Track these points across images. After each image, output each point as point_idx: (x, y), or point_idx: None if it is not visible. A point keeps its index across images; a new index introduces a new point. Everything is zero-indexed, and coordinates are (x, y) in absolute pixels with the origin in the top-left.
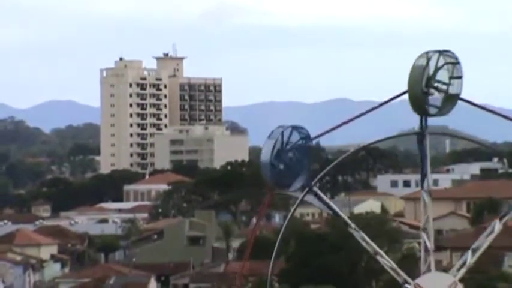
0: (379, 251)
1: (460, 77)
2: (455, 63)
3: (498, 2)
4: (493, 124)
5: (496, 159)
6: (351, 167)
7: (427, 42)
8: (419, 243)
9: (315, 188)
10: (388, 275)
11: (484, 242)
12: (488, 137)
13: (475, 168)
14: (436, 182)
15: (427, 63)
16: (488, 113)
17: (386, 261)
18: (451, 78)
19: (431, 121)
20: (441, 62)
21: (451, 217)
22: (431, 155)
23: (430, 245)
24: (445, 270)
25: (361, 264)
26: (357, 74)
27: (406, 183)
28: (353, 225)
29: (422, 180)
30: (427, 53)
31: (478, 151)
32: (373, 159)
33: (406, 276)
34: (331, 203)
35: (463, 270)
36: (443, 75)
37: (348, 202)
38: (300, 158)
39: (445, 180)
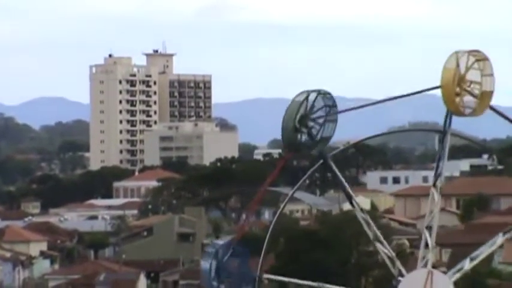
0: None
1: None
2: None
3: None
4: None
5: (485, 156)
6: (341, 163)
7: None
8: (408, 240)
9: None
10: (377, 272)
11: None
12: (478, 134)
13: (464, 164)
14: (425, 179)
15: (306, 99)
16: None
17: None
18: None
19: (420, 117)
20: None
21: (440, 213)
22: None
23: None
24: (434, 266)
25: (351, 261)
26: (349, 71)
27: (396, 180)
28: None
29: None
30: None
31: (468, 148)
32: (362, 156)
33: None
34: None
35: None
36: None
37: (338, 198)
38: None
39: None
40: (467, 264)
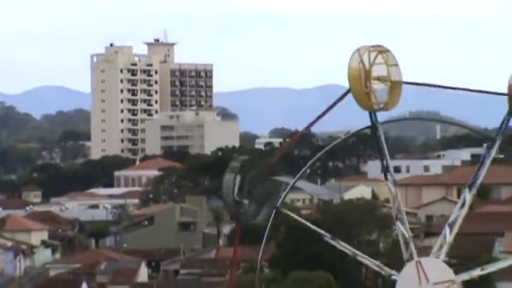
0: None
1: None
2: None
3: None
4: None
5: (486, 145)
6: (342, 152)
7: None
8: (412, 230)
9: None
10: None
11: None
12: (480, 123)
13: (465, 154)
14: (427, 168)
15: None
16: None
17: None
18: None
19: (424, 107)
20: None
21: (441, 203)
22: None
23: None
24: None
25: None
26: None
27: (397, 169)
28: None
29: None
30: None
31: (469, 137)
32: (363, 145)
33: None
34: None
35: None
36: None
37: (339, 188)
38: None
39: (435, 166)
40: (448, 234)
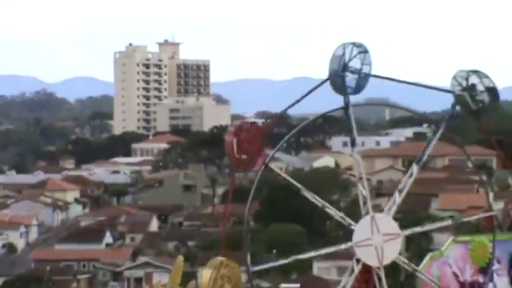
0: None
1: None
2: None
3: None
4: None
5: (425, 125)
6: (312, 130)
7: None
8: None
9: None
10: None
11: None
12: (420, 108)
13: (408, 132)
14: (378, 143)
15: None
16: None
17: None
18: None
19: (376, 94)
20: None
21: (389, 170)
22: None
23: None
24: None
25: (318, 208)
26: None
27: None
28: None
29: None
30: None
31: (412, 119)
32: (328, 125)
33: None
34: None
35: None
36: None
37: (309, 158)
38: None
39: (384, 142)
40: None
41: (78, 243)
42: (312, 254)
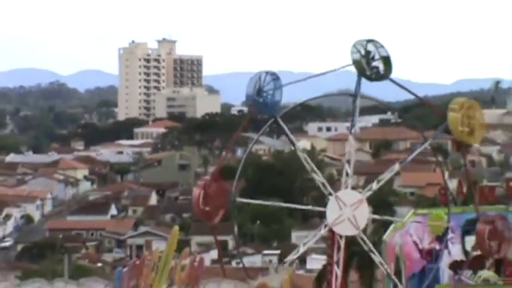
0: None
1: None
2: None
3: None
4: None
5: (389, 113)
6: (290, 117)
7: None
8: (337, 170)
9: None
10: (315, 192)
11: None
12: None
13: (375, 118)
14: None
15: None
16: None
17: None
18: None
19: (347, 86)
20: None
21: (358, 152)
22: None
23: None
24: (353, 188)
25: (296, 185)
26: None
27: (328, 129)
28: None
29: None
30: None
31: (378, 107)
32: (306, 112)
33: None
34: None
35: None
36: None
37: (288, 141)
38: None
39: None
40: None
41: (87, 214)
42: (306, 241)
